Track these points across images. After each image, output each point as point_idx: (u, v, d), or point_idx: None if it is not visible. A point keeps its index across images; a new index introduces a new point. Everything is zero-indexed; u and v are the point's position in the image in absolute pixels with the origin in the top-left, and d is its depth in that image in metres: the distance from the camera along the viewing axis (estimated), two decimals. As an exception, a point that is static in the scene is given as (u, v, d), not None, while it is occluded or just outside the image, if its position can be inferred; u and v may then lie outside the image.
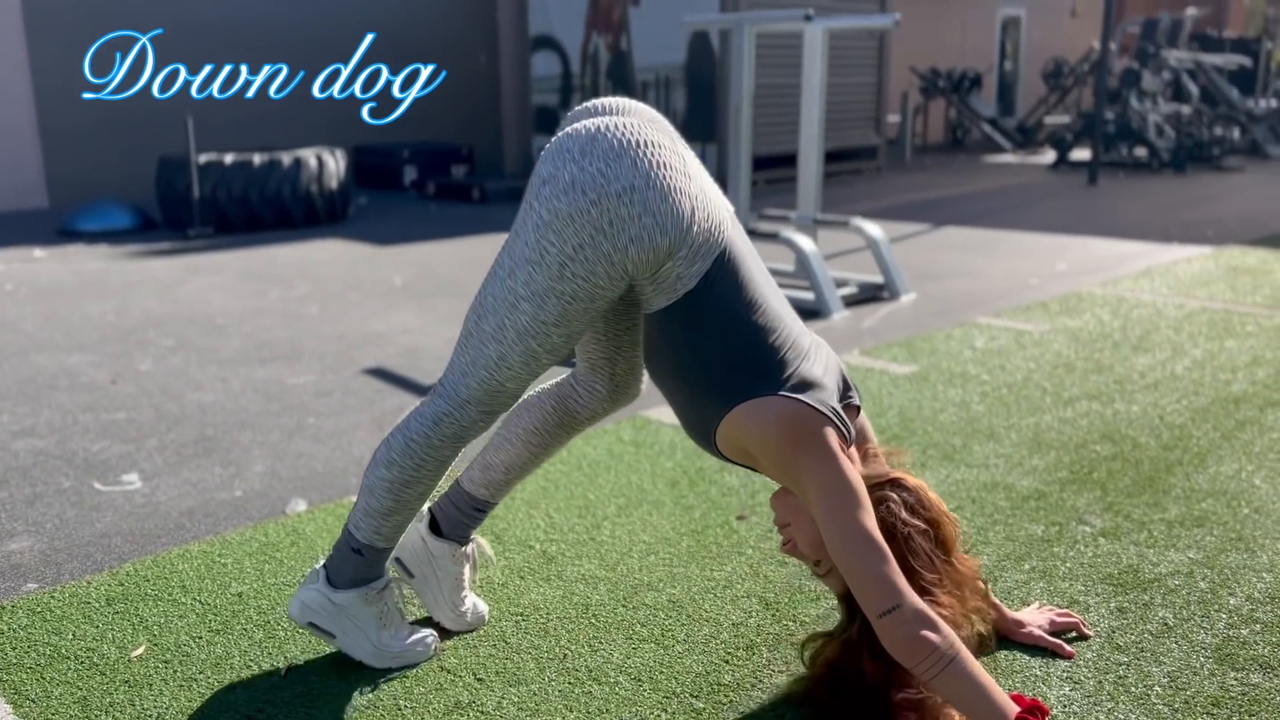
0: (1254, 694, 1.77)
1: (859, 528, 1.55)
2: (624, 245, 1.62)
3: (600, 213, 1.61)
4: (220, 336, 4.44)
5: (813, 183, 5.13)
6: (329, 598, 1.86)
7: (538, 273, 1.65)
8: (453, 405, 1.76)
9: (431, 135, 11.71)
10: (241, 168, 7.45)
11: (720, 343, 1.65)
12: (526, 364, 1.71)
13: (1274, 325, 4.36)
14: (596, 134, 1.65)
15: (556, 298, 1.65)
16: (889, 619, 1.53)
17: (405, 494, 1.81)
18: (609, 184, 1.61)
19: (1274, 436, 3.01)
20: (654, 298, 1.69)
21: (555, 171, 1.64)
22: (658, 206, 1.62)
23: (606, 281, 1.65)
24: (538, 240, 1.65)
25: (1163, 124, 11.61)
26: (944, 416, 3.25)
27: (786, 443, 1.59)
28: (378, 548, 1.86)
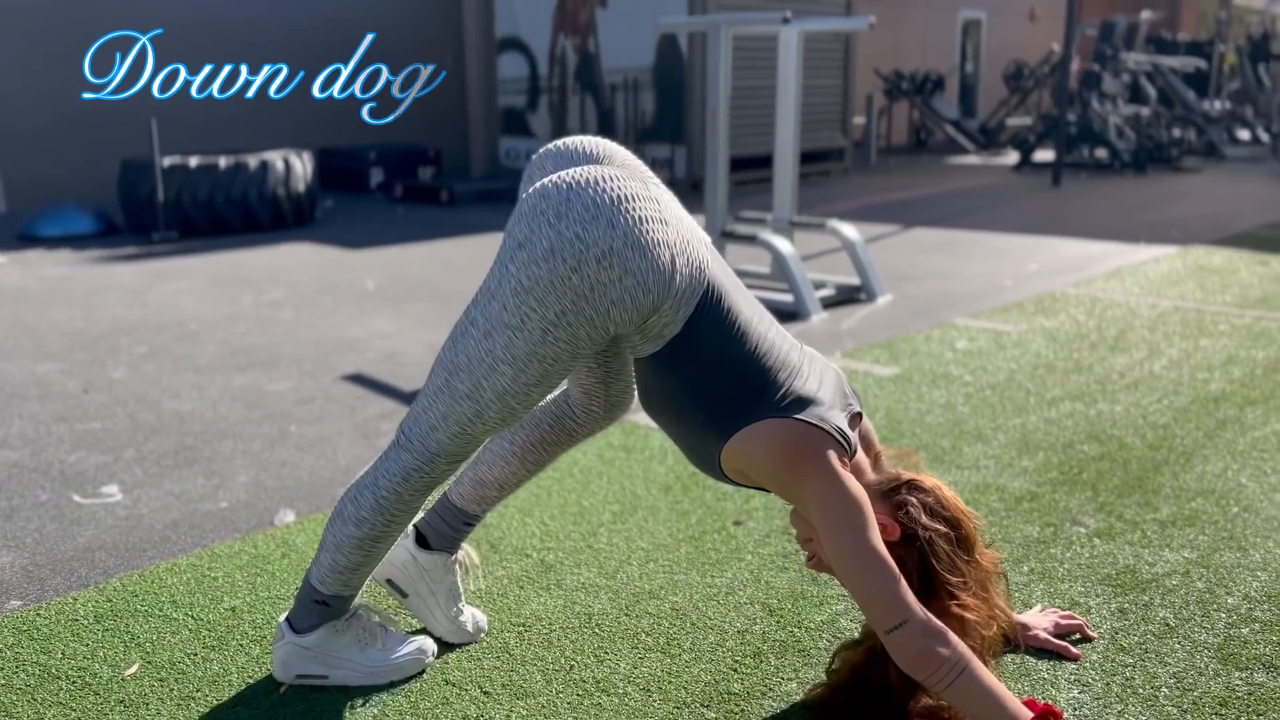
0: (1260, 694, 1.78)
1: (862, 545, 1.54)
2: (606, 309, 1.60)
3: (581, 279, 1.57)
4: (194, 343, 4.36)
5: (789, 185, 5.14)
6: (298, 644, 1.82)
7: (518, 338, 1.61)
8: (422, 460, 1.72)
9: (397, 137, 11.61)
10: (207, 171, 7.34)
11: (711, 378, 1.64)
12: (503, 418, 1.69)
13: (1245, 324, 4.42)
14: (570, 192, 1.59)
15: (538, 361, 1.63)
16: (897, 635, 1.52)
17: (375, 548, 1.78)
18: (588, 249, 1.57)
19: (1256, 435, 3.05)
20: (641, 345, 1.68)
21: (531, 235, 1.59)
22: (638, 265, 1.58)
23: (589, 343, 1.63)
24: (517, 306, 1.60)
25: (1123, 126, 11.78)
26: (930, 418, 3.26)
27: (783, 464, 1.59)
28: (344, 596, 1.83)
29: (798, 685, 1.83)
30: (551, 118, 10.92)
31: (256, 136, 10.47)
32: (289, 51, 10.63)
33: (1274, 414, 3.24)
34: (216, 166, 7.36)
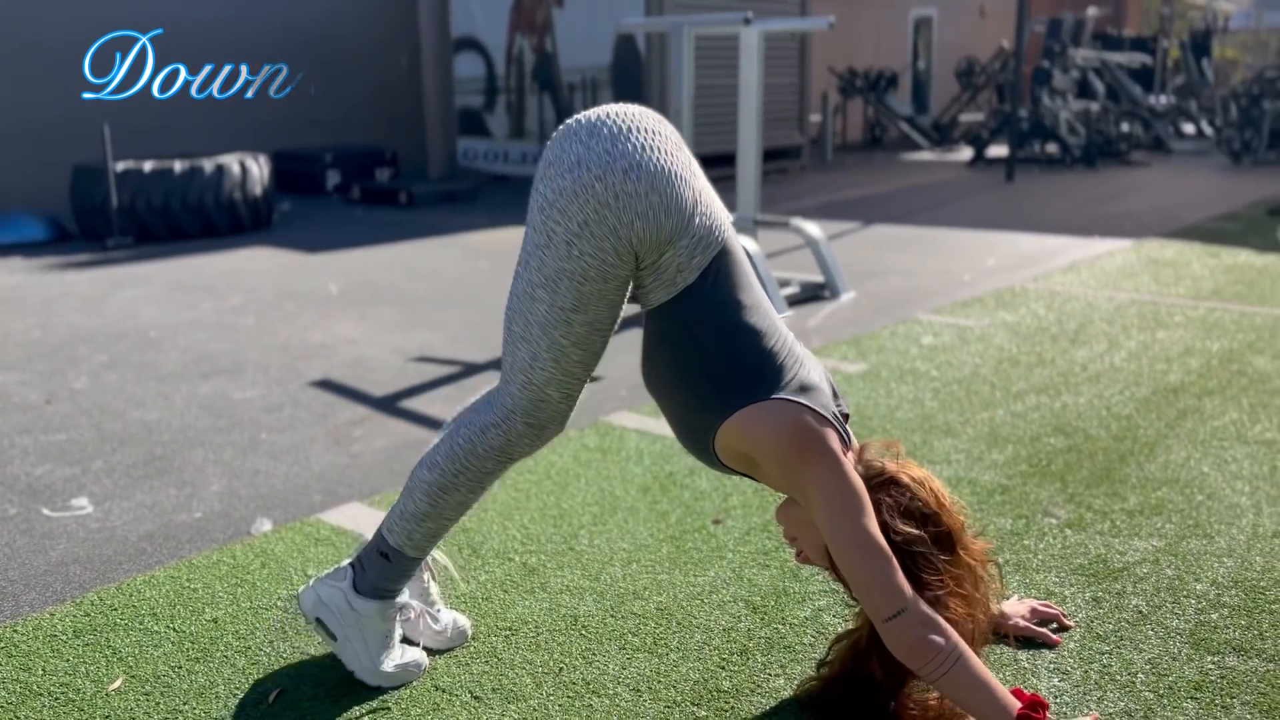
0: (1232, 676, 1.83)
1: (863, 533, 1.56)
2: (630, 220, 1.62)
3: (605, 187, 1.61)
4: (156, 351, 4.30)
5: (752, 183, 5.18)
6: (350, 602, 1.83)
7: (548, 256, 1.65)
8: (500, 415, 1.76)
9: (353, 138, 11.52)
10: (161, 175, 7.23)
11: (721, 341, 1.65)
12: (557, 361, 1.69)
13: (1199, 316, 4.53)
14: (601, 118, 1.67)
15: (569, 279, 1.64)
16: (894, 624, 1.54)
17: (441, 500, 1.79)
18: (614, 160, 1.62)
19: (1215, 425, 3.13)
20: (654, 291, 1.68)
21: (560, 153, 1.66)
22: (663, 188, 1.63)
23: (615, 258, 1.64)
24: (544, 223, 1.65)
25: (1073, 121, 11.98)
26: (900, 414, 3.31)
27: (792, 447, 1.59)
28: (406, 555, 1.83)
29: (785, 681, 1.85)
30: (509, 117, 10.89)
31: (209, 140, 10.34)
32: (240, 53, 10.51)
33: (1231, 404, 3.32)
34: (171, 171, 7.26)
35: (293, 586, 2.24)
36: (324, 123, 11.27)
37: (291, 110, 10.99)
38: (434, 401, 3.57)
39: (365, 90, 11.58)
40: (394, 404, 3.56)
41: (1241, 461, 2.83)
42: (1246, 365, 3.75)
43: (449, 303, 5.18)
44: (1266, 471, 2.75)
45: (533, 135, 10.67)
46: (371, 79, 11.62)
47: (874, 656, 1.64)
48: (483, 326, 4.66)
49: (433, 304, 5.15)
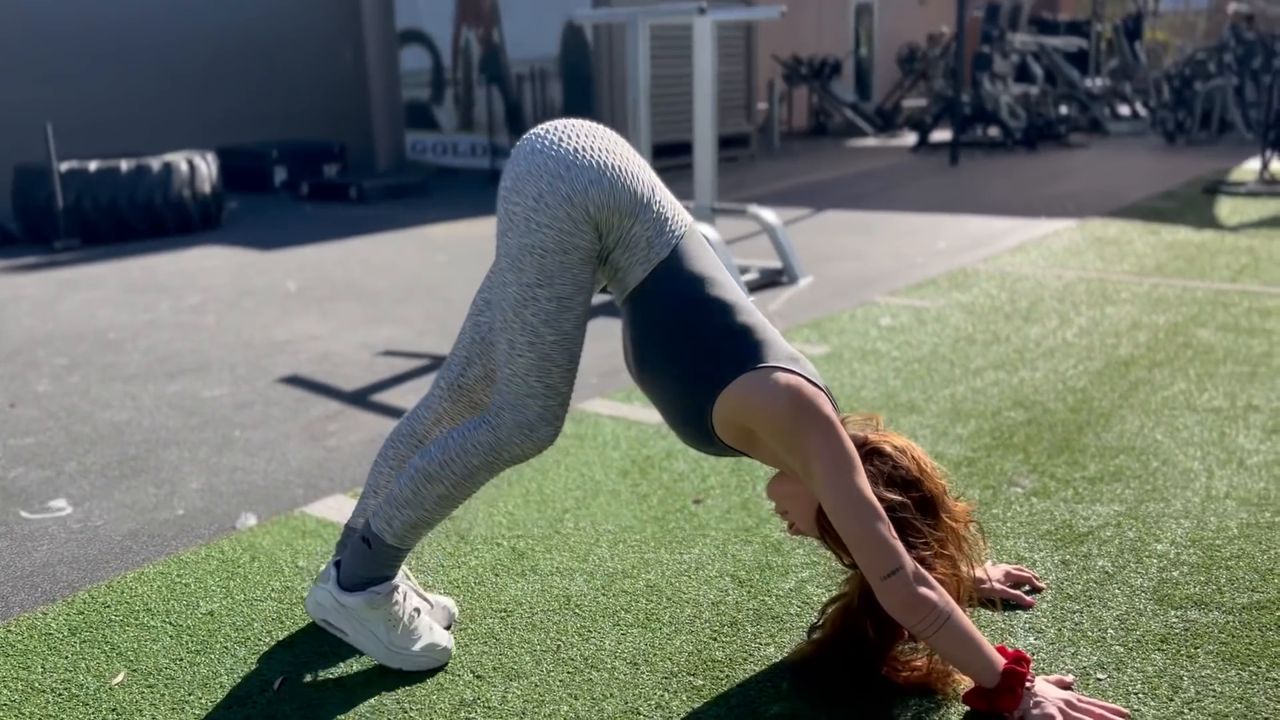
0: (1195, 629, 1.94)
1: (859, 494, 1.63)
2: (583, 186, 1.69)
3: (556, 161, 1.71)
4: (117, 352, 4.27)
5: (708, 171, 5.25)
6: (336, 599, 1.87)
7: (510, 237, 1.72)
8: (490, 412, 1.81)
9: (299, 134, 11.40)
10: (108, 175, 7.12)
11: (707, 314, 1.72)
12: (532, 344, 1.72)
13: (1144, 291, 4.69)
14: (559, 125, 1.78)
15: (530, 253, 1.70)
16: (891, 581, 1.62)
17: (424, 489, 1.82)
18: (564, 143, 1.73)
19: (1165, 395, 3.26)
20: (632, 269, 1.74)
21: (516, 153, 1.77)
22: (614, 173, 1.73)
23: (571, 225, 1.69)
24: (505, 209, 1.74)
25: (1014, 105, 12.22)
26: (865, 393, 3.40)
27: (792, 413, 1.63)
28: (386, 543, 1.86)
29: (776, 650, 1.93)
30: (458, 110, 10.85)
31: (151, 138, 10.18)
32: (182, 52, 10.35)
33: (1179, 374, 3.46)
34: (118, 170, 7.15)
35: (284, 578, 2.26)
36: (268, 118, 11.14)
37: (235, 106, 10.86)
38: (405, 395, 3.60)
39: (310, 85, 11.47)
40: (365, 398, 3.58)
41: (1192, 429, 2.96)
42: (1191, 337, 3.90)
43: (410, 297, 5.19)
44: (1215, 437, 2.88)
45: (481, 127, 10.65)
46: (316, 73, 11.51)
47: (866, 618, 1.72)
48: (447, 320, 4.68)
49: (394, 299, 5.16)
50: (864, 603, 1.72)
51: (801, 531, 1.79)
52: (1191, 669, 1.81)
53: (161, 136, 10.24)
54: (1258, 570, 2.14)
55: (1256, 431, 2.91)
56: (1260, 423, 2.98)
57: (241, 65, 10.86)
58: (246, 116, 10.98)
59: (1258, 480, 2.58)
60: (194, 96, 10.50)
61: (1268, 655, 1.84)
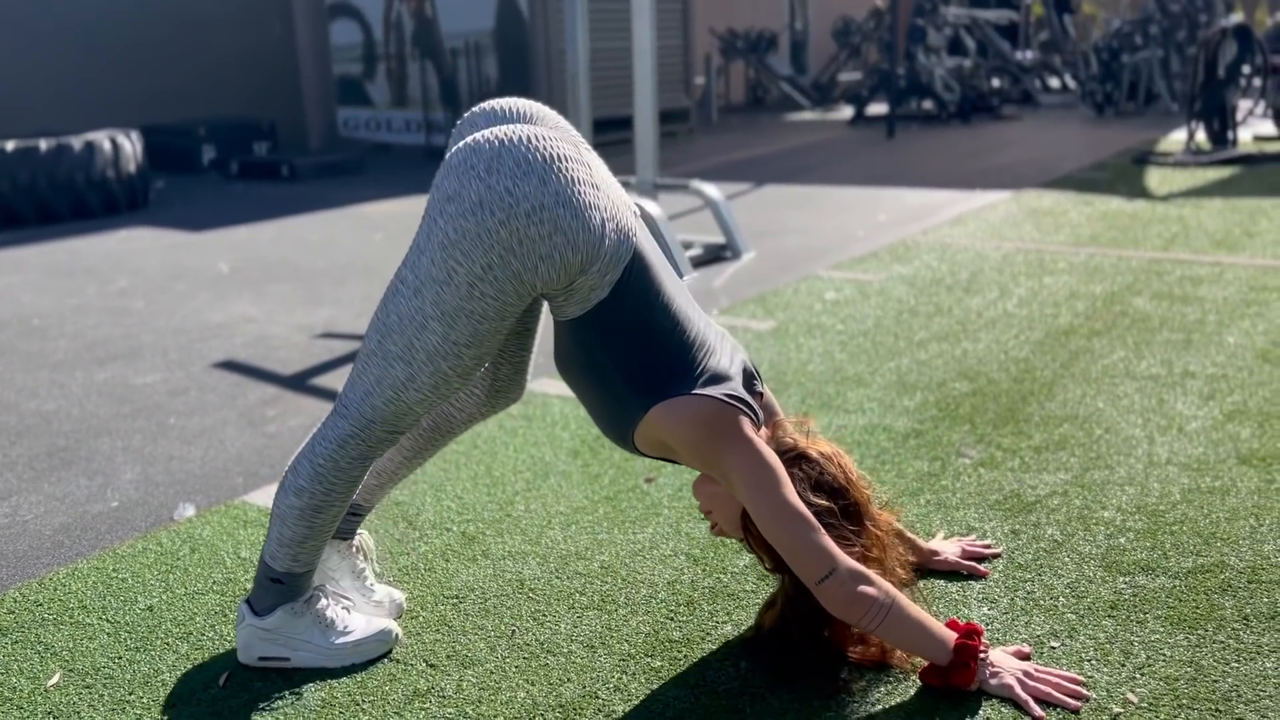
0: (1143, 594, 1.97)
1: (784, 505, 1.62)
2: (534, 264, 1.61)
3: (509, 233, 1.58)
4: (42, 339, 4.11)
5: (650, 147, 5.20)
6: (258, 626, 1.81)
7: (446, 292, 1.62)
8: (357, 426, 1.72)
9: (227, 111, 11.10)
10: (27, 154, 6.86)
11: (634, 346, 1.67)
12: (436, 386, 1.68)
13: (1080, 261, 4.76)
14: (501, 148, 1.61)
15: (466, 317, 1.63)
16: (827, 585, 1.61)
17: (318, 519, 1.77)
18: (517, 203, 1.58)
19: (1105, 363, 3.31)
20: (567, 307, 1.69)
21: (460, 189, 1.60)
22: (569, 224, 1.60)
23: (516, 299, 1.64)
24: (445, 259, 1.61)
25: (948, 78, 12.33)
26: (812, 367, 3.40)
27: (705, 438, 1.63)
28: (296, 574, 1.81)
29: (733, 628, 1.91)
30: (391, 85, 10.65)
31: (69, 116, 9.83)
32: (103, 26, 10.00)
33: (1118, 343, 3.52)
34: (37, 150, 6.89)
35: (226, 570, 2.20)
36: (194, 95, 10.83)
37: (159, 83, 10.53)
38: (345, 377, 3.52)
39: (237, 60, 11.16)
40: (304, 382, 3.50)
41: (1132, 396, 3.01)
42: (1128, 306, 3.97)
43: (348, 277, 5.08)
44: (1155, 404, 2.93)
45: (415, 103, 10.46)
46: (243, 48, 11.20)
47: (794, 623, 1.72)
48: (387, 299, 4.58)
49: (331, 279, 5.05)
50: (789, 610, 1.72)
51: (725, 532, 1.78)
52: (1141, 634, 1.83)
53: (82, 114, 9.89)
54: (1200, 535, 2.18)
55: (1194, 398, 2.97)
56: (1197, 389, 3.04)
57: (165, 40, 10.52)
58: (172, 93, 10.66)
59: (1197, 445, 2.63)
60: (116, 73, 10.16)
61: (1214, 618, 1.87)
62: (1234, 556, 2.08)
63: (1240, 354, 3.34)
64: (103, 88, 10.05)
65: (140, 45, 10.33)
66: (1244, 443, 2.63)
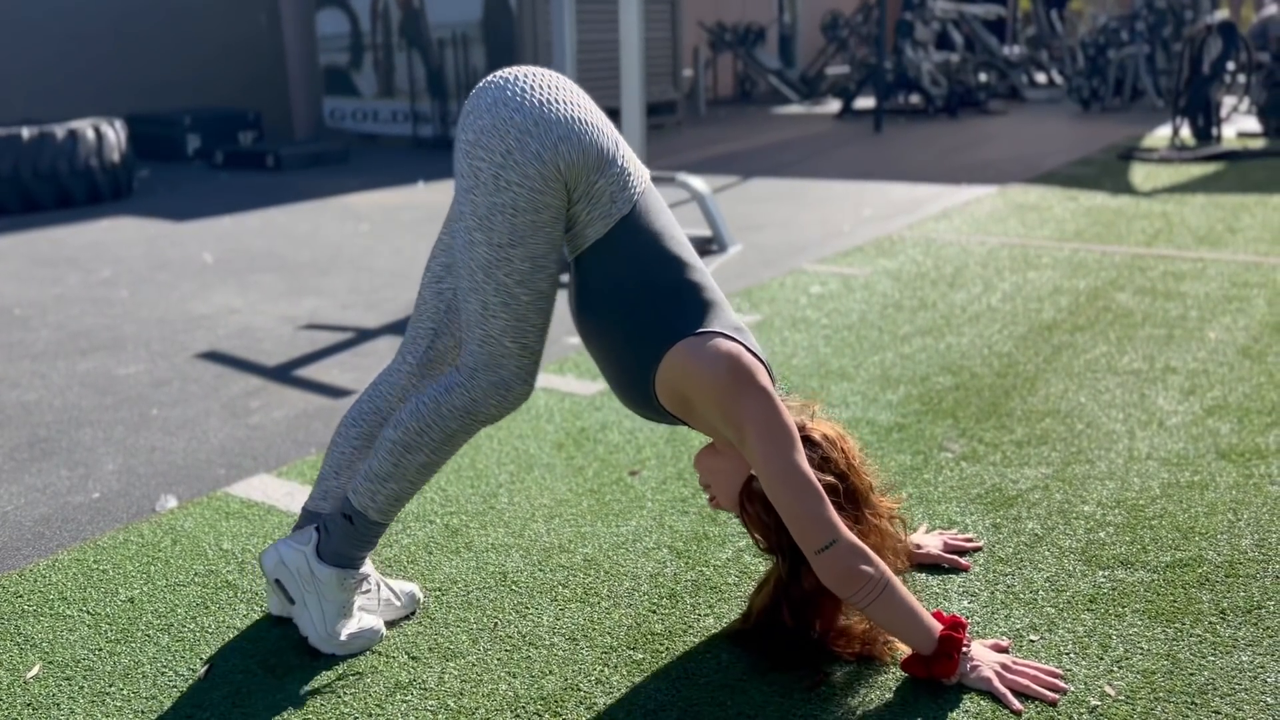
0: (1122, 588, 1.98)
1: (797, 468, 1.62)
2: (553, 143, 1.64)
3: (524, 117, 1.64)
4: (24, 329, 4.09)
5: (637, 139, 5.20)
6: (310, 565, 1.82)
7: (478, 195, 1.66)
8: (464, 375, 1.75)
9: (211, 100, 11.03)
10: (9, 143, 6.80)
11: (659, 273, 1.69)
12: (506, 305, 1.68)
13: (1065, 257, 4.78)
14: (516, 73, 1.72)
15: (500, 213, 1.65)
16: (825, 555, 1.61)
17: (405, 460, 1.77)
18: (531, 94, 1.67)
19: (1087, 358, 3.33)
20: (591, 225, 1.70)
21: (476, 103, 1.69)
22: (581, 117, 1.68)
23: (542, 184, 1.64)
24: (470, 165, 1.66)
25: (935, 72, 12.35)
26: (796, 360, 3.41)
27: (730, 381, 1.62)
28: (370, 519, 1.81)
29: (715, 621, 1.92)
30: (377, 76, 10.60)
31: (55, 105, 9.76)
32: (86, 13, 9.92)
33: (1100, 338, 3.54)
34: (19, 138, 6.84)
35: (208, 561, 2.19)
36: (179, 85, 10.76)
37: (143, 72, 10.46)
38: (330, 369, 3.51)
39: (223, 50, 11.09)
40: (288, 373, 3.48)
41: (1114, 391, 3.02)
42: (1111, 301, 3.99)
43: (333, 268, 5.06)
44: (1137, 399, 2.95)
45: (402, 94, 10.42)
46: (229, 38, 11.13)
47: (783, 606, 1.72)
48: (371, 291, 4.57)
49: (316, 270, 5.03)
50: (780, 592, 1.73)
51: (722, 506, 1.78)
52: (1120, 628, 1.85)
53: (66, 103, 9.82)
54: (1179, 529, 2.19)
55: (1175, 393, 2.99)
56: (1178, 384, 3.06)
57: (151, 29, 10.45)
58: (157, 82, 10.59)
59: (1177, 440, 2.65)
60: (101, 61, 10.09)
61: (1191, 612, 1.89)
62: (1212, 551, 2.10)
63: (1221, 350, 3.36)
64: (87, 76, 9.97)
65: (125, 34, 10.26)
66: (1223, 438, 2.65)
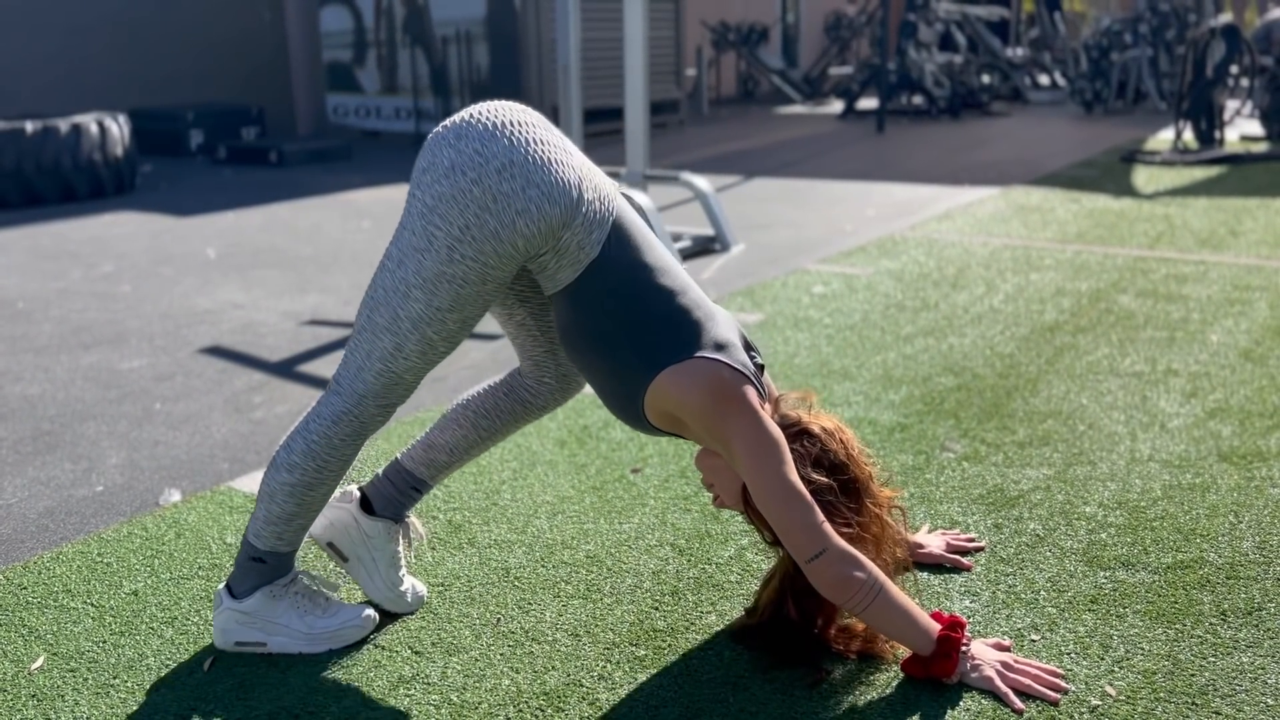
0: (1123, 589, 1.99)
1: (783, 480, 1.63)
2: (510, 220, 1.63)
3: (483, 190, 1.62)
4: (27, 323, 4.09)
5: (640, 138, 5.20)
6: (236, 610, 1.81)
7: (427, 259, 1.65)
8: (350, 402, 1.74)
9: (215, 96, 11.04)
10: (12, 137, 6.81)
11: (636, 308, 1.68)
12: (423, 354, 1.70)
13: (1067, 258, 4.78)
14: (468, 119, 1.68)
15: (448, 282, 1.65)
16: (817, 563, 1.62)
17: (309, 496, 1.78)
18: (487, 161, 1.63)
19: (1089, 360, 3.34)
20: (560, 271, 1.70)
21: (433, 159, 1.66)
22: (541, 178, 1.64)
23: (496, 260, 1.65)
24: (424, 227, 1.65)
25: (938, 73, 12.35)
26: (799, 360, 3.42)
27: (712, 404, 1.64)
28: (280, 553, 1.82)
29: (717, 618, 1.93)
30: (381, 73, 10.60)
31: (58, 99, 9.76)
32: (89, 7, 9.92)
33: (1102, 340, 3.54)
34: (23, 132, 6.84)
35: (211, 555, 2.20)
36: (182, 80, 10.76)
37: (146, 66, 10.46)
38: (332, 365, 3.52)
39: (226, 45, 11.09)
40: (291, 369, 3.49)
41: (1116, 393, 3.03)
42: (1113, 303, 3.99)
43: (335, 264, 5.07)
44: (1138, 401, 2.96)
45: (406, 90, 10.43)
46: (232, 33, 11.13)
47: (789, 600, 1.73)
48: (374, 287, 4.58)
49: (318, 266, 5.04)
50: (785, 585, 1.73)
51: (726, 504, 1.79)
52: (1121, 628, 1.85)
53: (69, 97, 9.82)
54: (1180, 531, 2.20)
55: (1176, 395, 2.99)
56: (1180, 386, 3.06)
57: (154, 23, 10.45)
58: (160, 77, 10.59)
59: (1178, 443, 2.66)
60: (104, 55, 10.09)
61: (1192, 613, 1.89)
62: (1213, 553, 2.11)
63: (1223, 352, 3.37)
64: (90, 71, 9.98)
65: (129, 28, 10.26)
66: (1225, 440, 2.66)
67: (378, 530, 1.94)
